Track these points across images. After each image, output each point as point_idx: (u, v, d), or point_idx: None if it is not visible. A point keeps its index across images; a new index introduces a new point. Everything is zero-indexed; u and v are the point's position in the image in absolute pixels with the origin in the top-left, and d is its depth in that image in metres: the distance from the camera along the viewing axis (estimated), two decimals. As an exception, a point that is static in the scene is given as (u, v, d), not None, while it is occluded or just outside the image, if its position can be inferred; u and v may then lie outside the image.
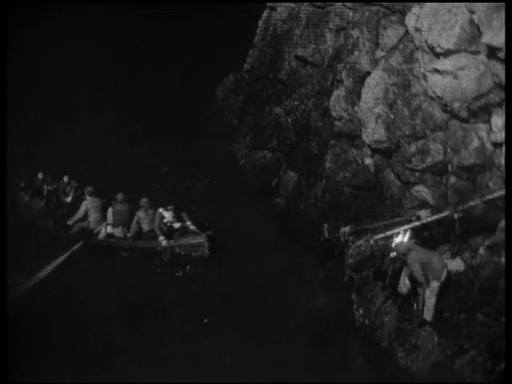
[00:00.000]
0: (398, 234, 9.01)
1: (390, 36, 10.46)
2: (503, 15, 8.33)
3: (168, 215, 11.26)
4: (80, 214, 11.90)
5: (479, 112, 8.95)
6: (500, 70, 8.46)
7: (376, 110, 10.22)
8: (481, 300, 7.84)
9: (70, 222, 11.98)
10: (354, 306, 9.27)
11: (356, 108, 10.79)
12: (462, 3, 9.06)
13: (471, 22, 8.95)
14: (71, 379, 8.36)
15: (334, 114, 11.27)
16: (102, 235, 11.73)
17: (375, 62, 10.67)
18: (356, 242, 9.66)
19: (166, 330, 9.27)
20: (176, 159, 13.74)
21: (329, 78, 11.91)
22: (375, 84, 10.36)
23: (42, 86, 15.18)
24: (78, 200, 12.56)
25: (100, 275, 10.66)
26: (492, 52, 8.55)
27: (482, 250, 8.31)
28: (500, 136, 8.58)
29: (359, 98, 10.71)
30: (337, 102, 11.21)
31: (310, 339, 9.03)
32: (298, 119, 12.48)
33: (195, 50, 14.96)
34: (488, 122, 8.90)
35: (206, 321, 9.43)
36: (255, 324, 9.41)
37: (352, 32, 11.44)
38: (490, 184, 8.82)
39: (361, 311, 9.13)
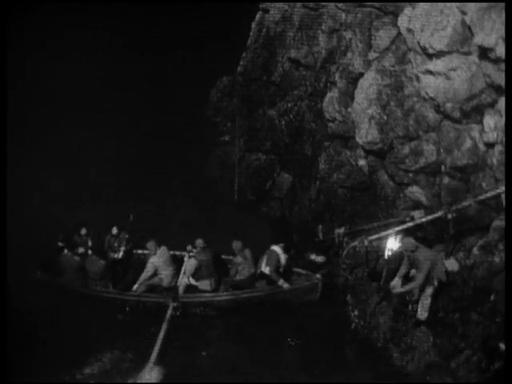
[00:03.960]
0: (391, 236, 9.05)
1: (383, 37, 10.49)
2: (494, 16, 8.39)
3: (283, 255, 9.57)
4: (147, 274, 9.87)
5: (471, 112, 9.00)
6: (491, 70, 8.51)
7: (369, 112, 10.24)
8: (475, 300, 7.86)
9: (135, 287, 9.90)
10: (349, 307, 9.28)
11: (349, 109, 10.80)
12: (453, 4, 9.11)
13: (463, 22, 8.99)
14: (71, 379, 8.35)
15: (327, 115, 11.29)
16: (181, 290, 9.87)
17: (368, 64, 10.70)
18: (350, 243, 9.69)
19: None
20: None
21: (322, 79, 11.93)
22: (368, 85, 10.38)
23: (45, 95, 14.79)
24: (130, 255, 10.80)
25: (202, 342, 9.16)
26: (483, 53, 8.59)
27: (475, 250, 8.33)
28: (492, 136, 8.63)
29: (352, 99, 10.72)
30: (330, 103, 11.23)
31: (305, 340, 9.03)
32: (291, 121, 12.49)
33: (188, 53, 14.96)
34: (480, 122, 8.95)
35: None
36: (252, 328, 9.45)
37: (345, 34, 11.48)
38: (483, 184, 8.87)
39: (356, 312, 9.14)
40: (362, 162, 10.68)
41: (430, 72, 9.40)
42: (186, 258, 10.23)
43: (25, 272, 10.29)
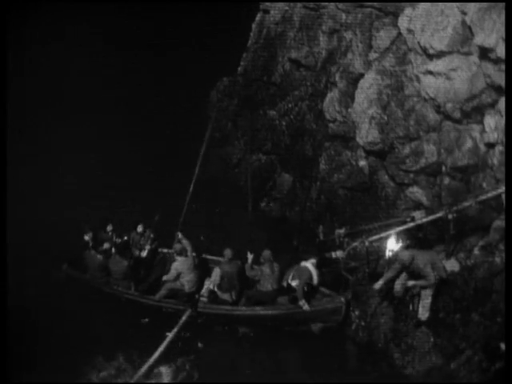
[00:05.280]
0: (391, 236, 9.03)
1: (383, 38, 10.50)
2: (494, 16, 8.39)
3: (315, 272, 9.13)
4: (171, 277, 9.73)
5: (472, 113, 9.00)
6: (492, 70, 8.50)
7: (370, 112, 10.25)
8: (476, 300, 7.85)
9: (158, 297, 9.82)
10: (350, 308, 9.26)
11: (350, 110, 10.81)
12: (453, 4, 9.11)
13: (463, 23, 9.00)
14: (71, 379, 8.35)
15: (327, 116, 11.29)
16: (203, 299, 9.60)
17: (368, 64, 10.71)
18: (351, 243, 9.67)
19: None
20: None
21: (322, 80, 11.94)
22: (369, 86, 10.39)
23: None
24: (154, 254, 10.72)
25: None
26: (484, 53, 8.59)
27: (476, 251, 8.33)
28: (493, 136, 8.63)
29: (353, 100, 10.74)
30: (330, 104, 11.24)
31: (306, 341, 9.03)
32: (292, 122, 12.50)
33: (189, 54, 14.98)
34: (481, 122, 8.95)
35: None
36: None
37: (345, 34, 11.49)
38: (484, 184, 8.87)
39: (357, 313, 9.12)
40: (362, 163, 10.68)
41: (431, 72, 9.41)
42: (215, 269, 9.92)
43: (40, 269, 10.42)
